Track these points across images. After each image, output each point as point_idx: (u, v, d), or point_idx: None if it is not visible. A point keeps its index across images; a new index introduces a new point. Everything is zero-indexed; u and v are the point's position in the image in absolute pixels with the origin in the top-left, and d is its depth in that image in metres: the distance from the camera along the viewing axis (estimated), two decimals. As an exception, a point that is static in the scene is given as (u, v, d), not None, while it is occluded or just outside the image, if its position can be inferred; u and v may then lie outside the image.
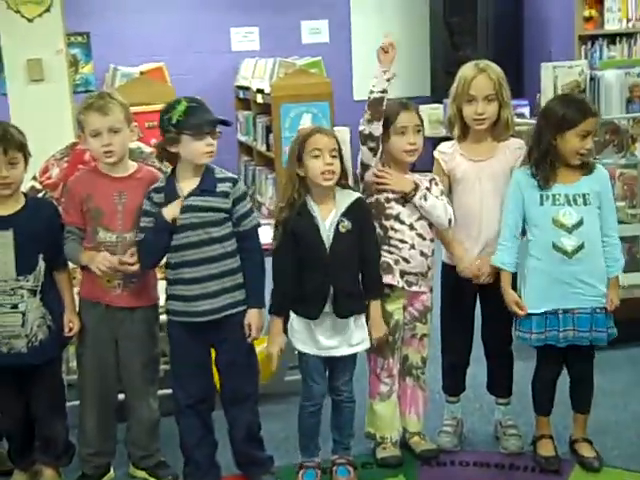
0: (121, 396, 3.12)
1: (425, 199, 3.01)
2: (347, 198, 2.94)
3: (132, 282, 2.95)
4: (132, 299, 2.97)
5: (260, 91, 6.73)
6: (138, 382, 3.04)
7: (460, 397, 3.37)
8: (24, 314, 2.86)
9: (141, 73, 6.93)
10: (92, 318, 2.98)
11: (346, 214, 2.91)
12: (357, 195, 2.98)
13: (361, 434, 3.23)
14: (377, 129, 2.97)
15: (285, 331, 2.98)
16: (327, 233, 2.89)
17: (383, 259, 3.04)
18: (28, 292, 2.87)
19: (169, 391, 3.31)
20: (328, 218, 2.90)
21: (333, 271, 2.89)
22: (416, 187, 3.02)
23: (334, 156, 2.86)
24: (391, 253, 3.05)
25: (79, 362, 3.08)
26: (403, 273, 3.05)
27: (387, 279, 3.04)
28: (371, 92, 2.98)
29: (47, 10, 4.99)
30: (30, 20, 5.00)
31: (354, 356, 3.03)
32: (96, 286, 2.95)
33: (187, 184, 2.86)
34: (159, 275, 3.10)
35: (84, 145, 2.98)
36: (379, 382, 3.16)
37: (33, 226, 2.88)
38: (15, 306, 2.85)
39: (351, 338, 2.95)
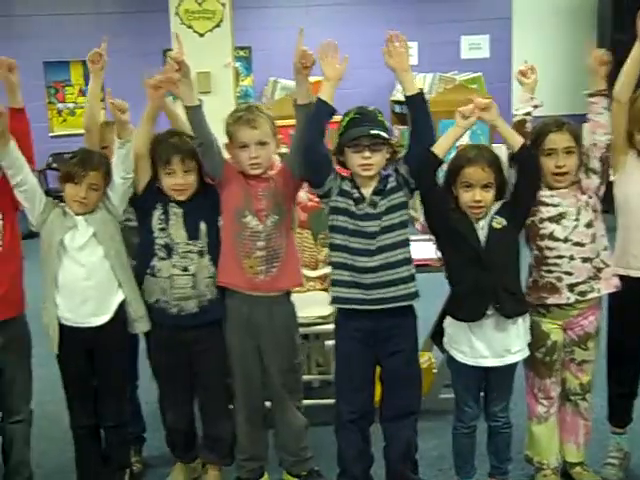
0: (268, 403, 3.18)
1: None
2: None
3: (274, 266, 2.97)
4: (276, 282, 2.99)
5: (417, 106, 6.71)
6: (279, 390, 3.08)
7: (627, 429, 3.22)
8: (194, 275, 2.97)
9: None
10: (237, 329, 3.03)
11: (499, 212, 2.86)
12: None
13: (520, 457, 3.16)
14: None
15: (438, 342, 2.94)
16: (481, 230, 2.85)
17: (545, 280, 2.96)
18: (197, 254, 2.97)
19: (324, 401, 3.37)
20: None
21: (491, 269, 2.83)
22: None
23: None
24: (551, 272, 2.96)
25: (230, 370, 3.13)
26: (571, 286, 2.95)
27: (554, 299, 2.96)
28: (514, 115, 2.95)
29: (217, 25, 5.18)
30: (201, 35, 5.21)
31: (511, 375, 2.96)
32: (239, 274, 2.97)
33: (368, 189, 2.87)
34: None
35: (229, 154, 3.04)
36: (536, 403, 3.07)
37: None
38: (185, 269, 2.97)
39: (510, 346, 2.88)
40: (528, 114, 2.96)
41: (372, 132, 2.77)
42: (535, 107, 2.98)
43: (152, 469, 3.39)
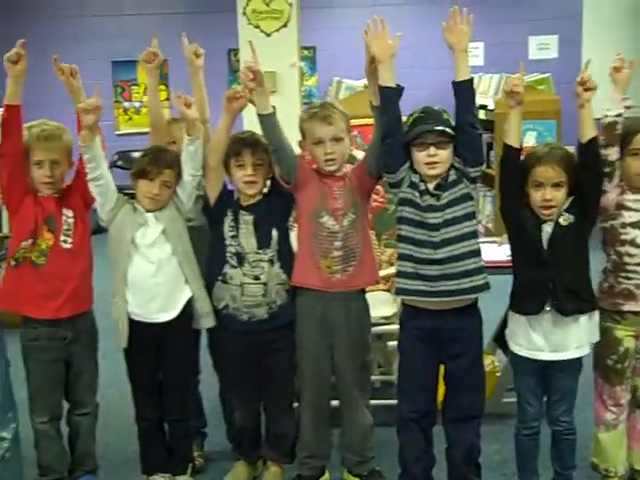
0: (335, 402, 3.17)
1: None
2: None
3: (351, 266, 2.98)
4: (352, 281, 3.00)
5: (483, 107, 6.65)
6: (351, 388, 3.08)
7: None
8: (265, 284, 3.00)
9: (365, 87, 7.04)
10: (310, 327, 3.04)
11: (569, 209, 2.82)
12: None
13: (585, 464, 3.10)
14: (612, 154, 2.83)
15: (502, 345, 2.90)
16: (547, 228, 2.81)
17: (622, 286, 2.90)
18: (268, 262, 3.00)
19: (386, 402, 3.36)
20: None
21: (551, 267, 2.79)
22: None
23: None
24: (629, 279, 2.89)
25: (298, 366, 3.15)
26: None
27: (630, 306, 2.90)
28: (605, 116, 2.84)
29: (284, 25, 5.21)
30: (268, 35, 5.24)
31: (572, 377, 2.90)
32: (315, 274, 2.99)
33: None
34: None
35: (305, 152, 3.06)
36: (605, 409, 3.01)
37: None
38: (256, 277, 3.00)
39: (568, 342, 2.83)
40: (619, 115, 2.84)
41: (437, 128, 2.75)
42: (628, 108, 2.86)
43: (213, 464, 3.42)
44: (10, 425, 3.03)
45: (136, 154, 8.61)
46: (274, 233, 3.02)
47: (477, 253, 2.84)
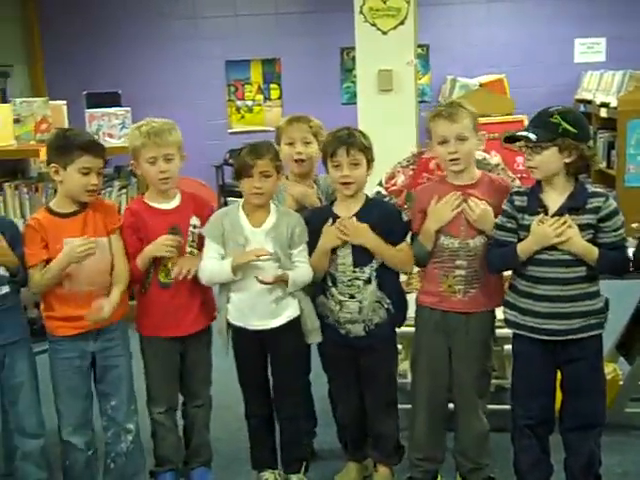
0: (451, 405, 3.11)
1: None
2: None
3: (473, 288, 2.92)
4: (471, 304, 2.94)
5: (605, 105, 6.43)
6: (469, 393, 3.01)
7: None
8: (361, 302, 2.97)
9: (480, 85, 6.94)
10: (427, 325, 3.01)
11: None
12: None
13: None
14: None
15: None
16: None
17: None
18: (363, 282, 2.96)
19: (499, 407, 3.26)
20: None
21: None
22: None
23: None
24: None
25: (413, 367, 3.13)
26: None
27: None
28: None
29: (401, 23, 5.16)
30: (384, 33, 5.20)
31: None
32: (436, 292, 2.96)
33: (553, 196, 2.75)
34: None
35: (431, 153, 2.99)
36: None
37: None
38: (352, 296, 2.97)
39: None
40: None
41: (518, 134, 2.71)
42: None
43: (323, 463, 3.41)
44: (134, 417, 3.12)
45: (248, 152, 8.87)
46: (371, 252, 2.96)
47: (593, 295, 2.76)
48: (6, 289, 2.86)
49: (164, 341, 3.08)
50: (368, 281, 2.96)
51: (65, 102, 5.27)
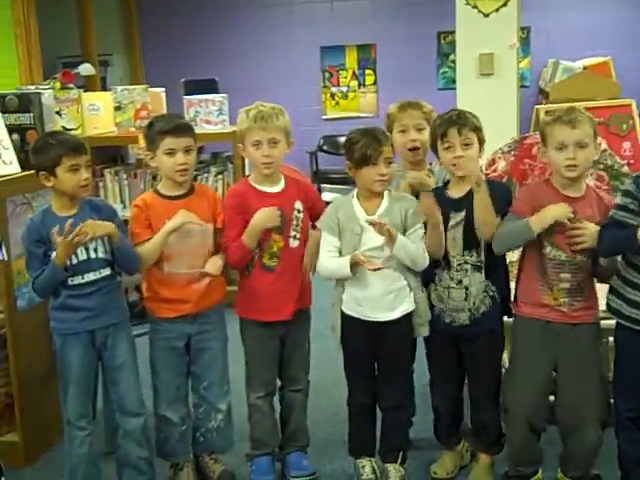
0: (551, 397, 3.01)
1: None
2: None
3: (577, 300, 2.81)
4: (578, 316, 2.83)
5: None
6: (584, 403, 2.87)
7: None
8: (467, 288, 2.92)
9: (584, 68, 6.71)
10: (530, 335, 2.90)
11: None
12: None
13: None
14: None
15: None
16: None
17: None
18: (472, 267, 2.91)
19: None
20: None
21: None
22: None
23: None
24: None
25: (510, 378, 3.00)
26: None
27: None
28: None
29: (504, 5, 5.03)
30: (486, 15, 5.08)
31: None
32: (538, 303, 2.86)
33: None
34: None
35: (545, 159, 2.90)
36: None
37: None
38: (460, 281, 2.93)
39: None
40: None
41: None
42: None
43: (419, 452, 3.36)
44: (226, 398, 3.21)
45: (343, 139, 8.85)
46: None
47: None
48: (107, 271, 2.92)
49: (265, 326, 3.10)
50: (476, 267, 2.91)
51: (164, 89, 5.35)
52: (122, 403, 3.01)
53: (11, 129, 3.58)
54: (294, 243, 3.07)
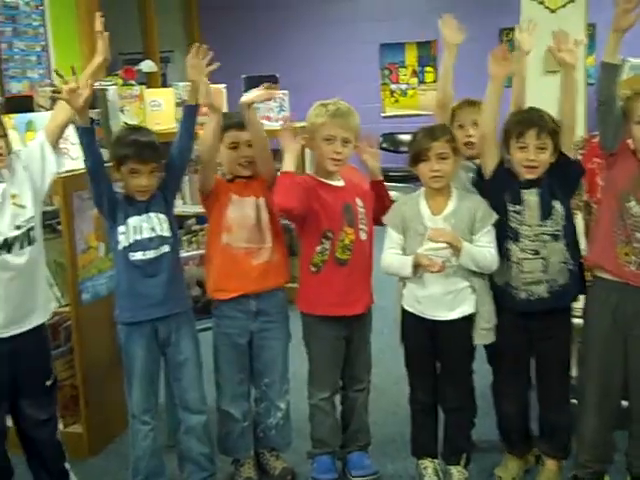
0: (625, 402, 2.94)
1: None
2: None
3: None
4: None
5: None
6: None
7: None
8: (545, 259, 2.85)
9: (651, 67, 6.53)
10: (601, 319, 2.84)
11: None
12: None
13: None
14: None
15: None
16: None
17: None
18: (550, 237, 2.85)
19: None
20: None
21: None
22: None
23: None
24: None
25: (583, 362, 2.97)
26: None
27: None
28: None
29: (571, 0, 4.92)
30: (553, 11, 4.98)
31: None
32: (606, 255, 2.79)
33: None
34: None
35: (626, 134, 2.80)
36: None
37: None
38: (537, 252, 2.86)
39: None
40: None
41: None
42: None
43: (482, 454, 3.30)
44: (286, 396, 3.23)
45: (402, 136, 8.80)
46: (558, 206, 2.85)
47: None
48: (166, 248, 2.94)
49: (332, 326, 3.08)
50: (555, 237, 2.85)
51: (224, 85, 5.36)
52: (184, 399, 3.03)
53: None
54: (363, 236, 3.07)
